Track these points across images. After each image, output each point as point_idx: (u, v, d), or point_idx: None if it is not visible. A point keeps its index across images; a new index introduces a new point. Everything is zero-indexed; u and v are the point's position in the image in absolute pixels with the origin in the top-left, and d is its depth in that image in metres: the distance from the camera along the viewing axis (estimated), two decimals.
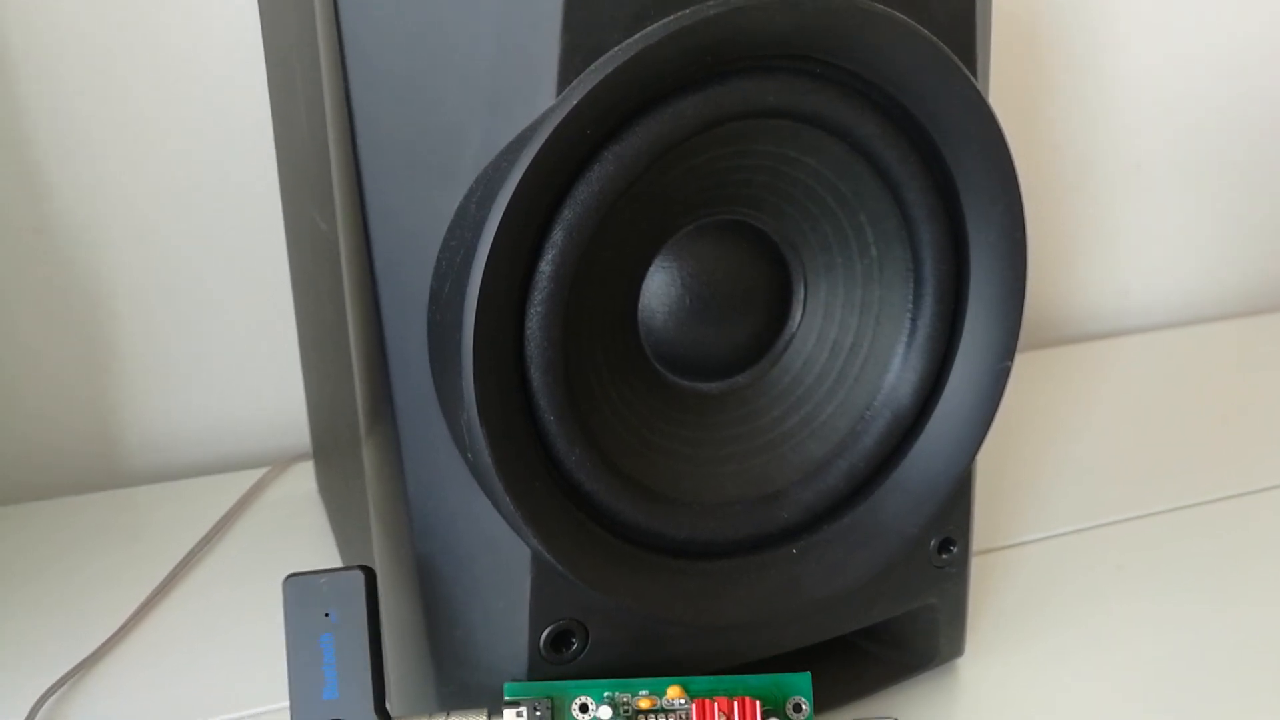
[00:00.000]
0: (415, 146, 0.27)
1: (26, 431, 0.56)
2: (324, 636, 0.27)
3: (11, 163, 0.52)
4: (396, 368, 0.28)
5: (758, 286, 0.31)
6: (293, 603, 0.28)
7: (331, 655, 0.27)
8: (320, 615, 0.27)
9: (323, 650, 0.27)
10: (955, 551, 0.34)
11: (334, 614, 0.27)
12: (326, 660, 0.27)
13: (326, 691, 0.26)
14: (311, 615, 0.27)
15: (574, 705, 0.28)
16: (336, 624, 0.27)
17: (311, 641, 0.27)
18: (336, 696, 0.26)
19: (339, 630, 0.27)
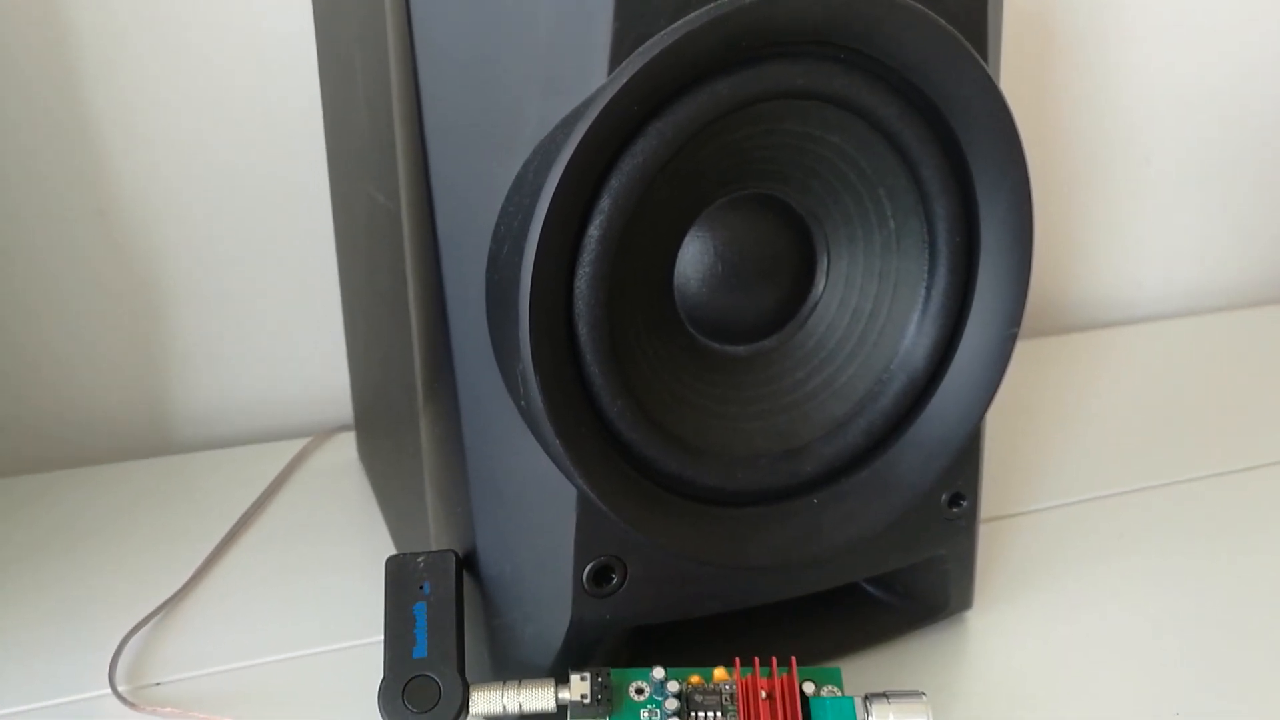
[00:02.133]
0: (477, 123, 0.29)
1: (85, 401, 0.59)
2: (417, 605, 0.31)
3: (78, 150, 0.55)
4: (456, 326, 0.31)
5: (784, 256, 0.34)
6: (392, 576, 0.32)
7: (423, 622, 0.30)
8: (416, 588, 0.31)
9: (415, 617, 0.30)
10: (965, 505, 0.37)
11: (427, 586, 0.31)
12: (419, 626, 0.30)
13: (416, 651, 0.30)
14: (408, 588, 0.31)
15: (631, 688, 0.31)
16: (429, 595, 0.31)
17: (406, 609, 0.31)
18: (425, 656, 0.30)
19: (431, 600, 0.31)
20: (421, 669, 0.30)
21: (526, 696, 0.30)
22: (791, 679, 0.30)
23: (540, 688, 0.31)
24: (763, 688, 0.30)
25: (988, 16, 0.32)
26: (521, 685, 0.31)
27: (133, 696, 0.38)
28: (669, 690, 0.30)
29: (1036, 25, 0.69)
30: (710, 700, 0.30)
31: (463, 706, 0.30)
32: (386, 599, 0.31)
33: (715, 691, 0.30)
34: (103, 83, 0.54)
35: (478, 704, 0.30)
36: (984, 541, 0.40)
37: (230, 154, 0.57)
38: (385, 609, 0.31)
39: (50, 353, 0.58)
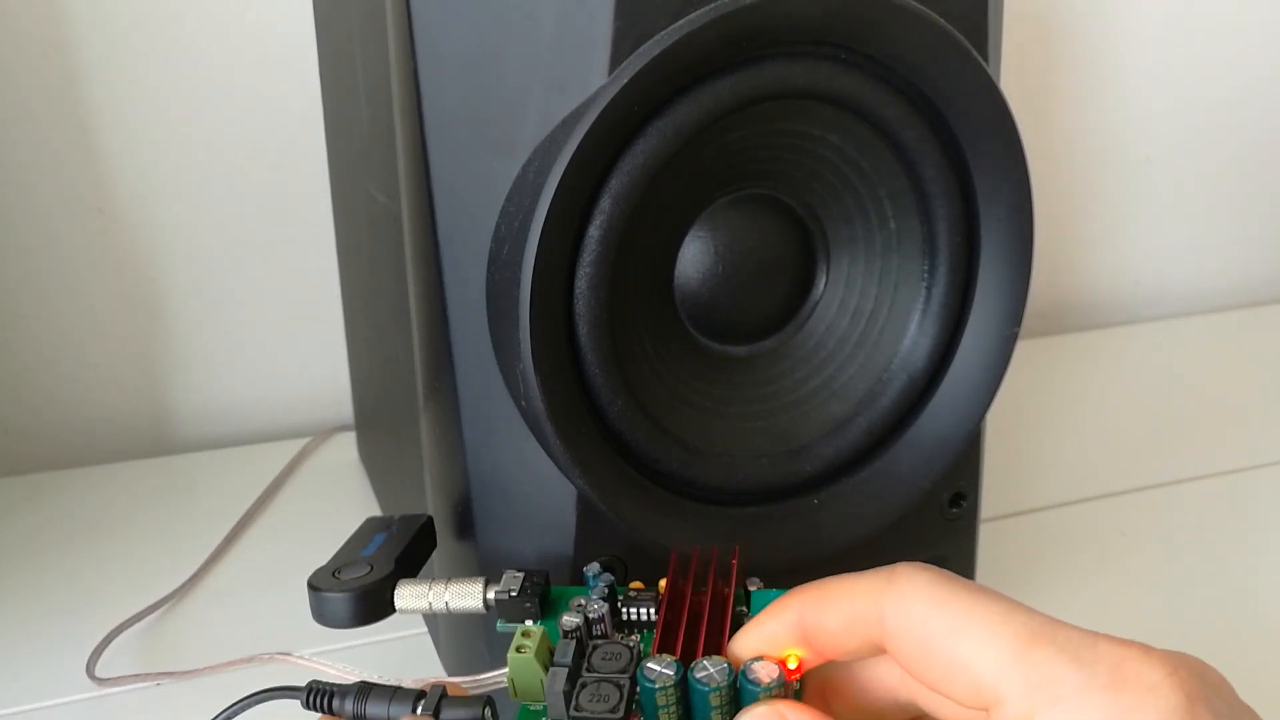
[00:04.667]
0: (478, 122, 0.29)
1: (85, 401, 0.59)
2: (379, 535, 0.33)
3: (78, 149, 0.55)
4: (457, 326, 0.31)
5: (784, 256, 0.34)
6: (366, 525, 0.33)
7: (379, 541, 0.32)
8: (384, 527, 0.33)
9: (375, 540, 0.32)
10: (965, 505, 0.37)
11: (394, 528, 0.33)
12: (374, 541, 0.32)
13: (365, 551, 0.32)
14: (377, 525, 0.33)
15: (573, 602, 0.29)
16: (392, 531, 0.33)
17: (368, 535, 0.33)
18: (370, 554, 0.31)
19: (391, 534, 0.33)
20: (362, 558, 0.31)
21: (454, 594, 0.29)
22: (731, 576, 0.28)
23: (469, 585, 0.29)
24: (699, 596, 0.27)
25: (988, 16, 0.32)
26: (450, 582, 0.29)
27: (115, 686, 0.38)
28: (603, 579, 0.28)
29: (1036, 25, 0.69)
30: (642, 598, 0.28)
31: (388, 585, 0.30)
32: (353, 534, 0.33)
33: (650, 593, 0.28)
34: (102, 82, 0.54)
35: (404, 599, 0.30)
36: (984, 541, 0.40)
37: (230, 153, 0.57)
38: (350, 537, 0.33)
39: (50, 352, 0.58)
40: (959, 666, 0.21)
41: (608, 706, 0.24)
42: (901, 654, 0.22)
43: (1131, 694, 0.19)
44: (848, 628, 0.23)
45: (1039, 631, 0.20)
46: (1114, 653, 0.20)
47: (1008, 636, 0.20)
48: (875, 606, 0.22)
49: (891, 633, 0.22)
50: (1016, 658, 0.20)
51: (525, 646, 0.25)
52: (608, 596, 0.27)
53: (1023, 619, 0.21)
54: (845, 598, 0.23)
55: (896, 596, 0.22)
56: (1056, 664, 0.20)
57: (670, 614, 0.26)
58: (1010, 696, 0.20)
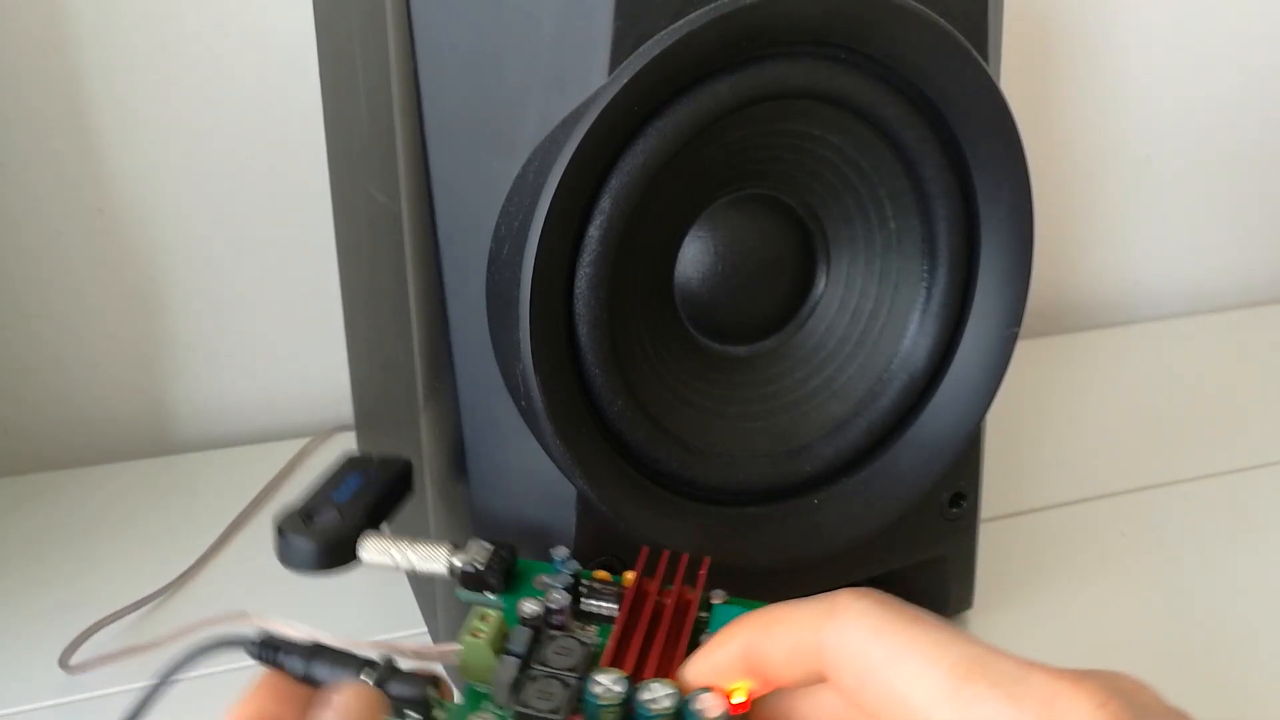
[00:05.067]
0: (477, 121, 0.29)
1: (85, 401, 0.59)
2: (354, 475, 0.33)
3: (78, 148, 0.55)
4: (456, 326, 0.31)
5: (784, 256, 0.34)
6: (344, 461, 0.34)
7: (355, 484, 0.32)
8: (361, 469, 0.34)
9: (350, 480, 0.33)
10: (965, 505, 0.37)
11: (372, 471, 0.33)
12: (349, 484, 0.32)
13: (338, 495, 0.32)
14: (354, 468, 0.34)
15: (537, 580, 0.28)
16: (368, 474, 0.33)
17: (344, 475, 0.33)
18: (342, 500, 0.31)
19: (368, 477, 0.33)
20: (333, 504, 0.31)
21: (419, 554, 0.29)
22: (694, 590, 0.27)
23: (435, 547, 0.29)
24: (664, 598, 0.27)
25: (988, 16, 0.32)
26: (415, 543, 0.29)
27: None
28: (568, 568, 0.28)
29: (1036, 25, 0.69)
30: (606, 590, 0.27)
31: (354, 535, 0.29)
32: (330, 472, 0.33)
33: (614, 586, 0.27)
34: (102, 82, 0.54)
35: (368, 550, 0.29)
36: (984, 541, 0.40)
37: (230, 153, 0.57)
38: (325, 476, 0.33)
39: (50, 352, 0.58)
40: (895, 699, 0.21)
41: (551, 706, 0.24)
42: (841, 684, 0.22)
43: None
44: (791, 657, 0.23)
45: (975, 664, 0.20)
46: (1045, 687, 0.20)
47: (944, 669, 0.20)
48: (816, 636, 0.22)
49: (831, 663, 0.22)
50: (950, 693, 0.20)
51: (480, 631, 0.25)
52: (571, 586, 0.27)
53: (960, 650, 0.21)
54: (788, 627, 0.23)
55: (836, 627, 0.22)
56: (988, 702, 0.20)
57: (631, 616, 0.26)
58: None
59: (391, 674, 0.25)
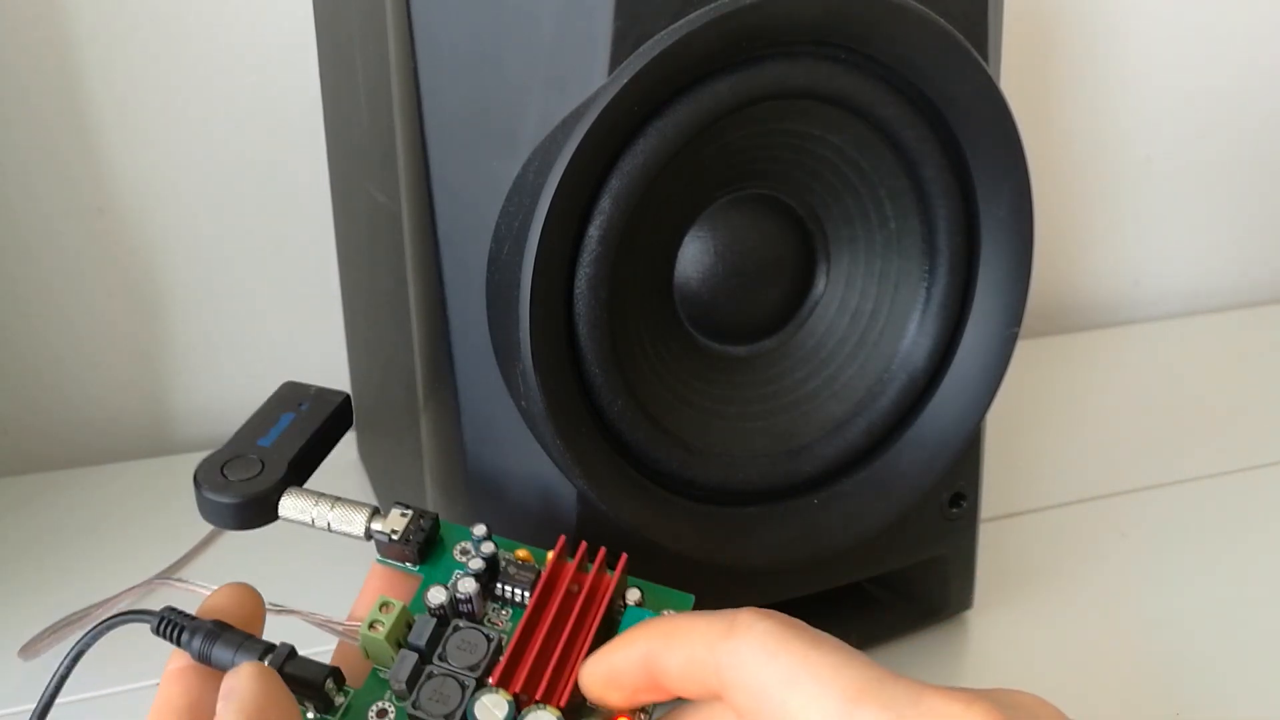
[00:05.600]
0: (478, 121, 0.29)
1: (85, 400, 0.59)
2: (286, 414, 0.31)
3: (78, 148, 0.55)
4: (456, 326, 0.31)
5: (784, 256, 0.34)
6: (280, 392, 0.32)
7: (284, 425, 0.31)
8: (295, 404, 0.32)
9: (280, 420, 0.31)
10: (965, 505, 0.37)
11: (305, 406, 0.31)
12: (278, 427, 0.30)
13: (262, 440, 0.30)
14: (288, 401, 0.32)
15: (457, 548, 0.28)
16: (302, 411, 0.31)
17: (275, 413, 0.31)
18: (268, 445, 0.30)
19: (301, 415, 0.31)
20: (259, 453, 0.29)
21: (338, 515, 0.28)
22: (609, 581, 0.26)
23: (354, 510, 0.28)
24: (577, 583, 0.26)
25: (988, 16, 0.32)
26: (336, 503, 0.28)
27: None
28: (482, 551, 0.27)
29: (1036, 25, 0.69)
30: (521, 576, 0.26)
31: (275, 492, 0.28)
32: (264, 404, 0.31)
33: (532, 569, 0.27)
34: (102, 81, 0.54)
35: (287, 507, 0.28)
36: (984, 541, 0.40)
37: (230, 153, 0.57)
38: (259, 409, 0.31)
39: (50, 352, 0.58)
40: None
41: (444, 710, 0.23)
42: (735, 704, 0.22)
43: None
44: (687, 670, 0.23)
45: (868, 687, 0.20)
46: (937, 709, 0.20)
47: (836, 693, 0.20)
48: (713, 653, 0.22)
49: (726, 682, 0.22)
50: (842, 716, 0.20)
51: (380, 624, 0.25)
52: (484, 571, 0.26)
53: (854, 673, 0.21)
54: (687, 639, 0.23)
55: (732, 646, 0.22)
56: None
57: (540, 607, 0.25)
58: None
59: (291, 661, 0.24)
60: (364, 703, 0.25)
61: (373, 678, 0.25)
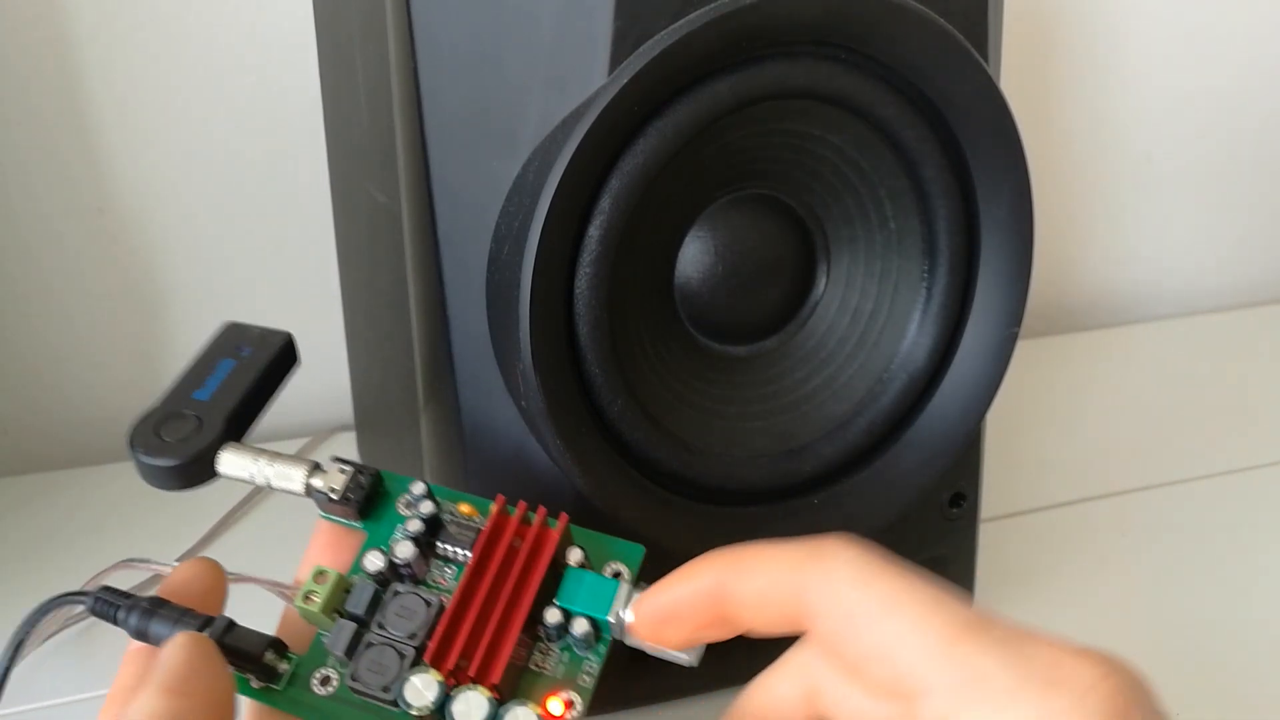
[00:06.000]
0: (478, 121, 0.29)
1: (85, 400, 0.59)
2: (225, 360, 0.29)
3: (78, 148, 0.55)
4: (456, 326, 0.31)
5: (784, 256, 0.34)
6: (221, 335, 0.30)
7: (223, 374, 0.29)
8: (235, 348, 0.30)
9: (218, 369, 0.29)
10: (965, 505, 0.37)
11: (247, 351, 0.30)
12: (216, 376, 0.29)
13: (199, 394, 0.28)
14: (228, 346, 0.30)
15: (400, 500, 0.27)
16: (243, 357, 0.29)
17: (214, 360, 0.29)
18: (204, 399, 0.28)
19: (241, 362, 0.29)
20: (195, 409, 0.28)
21: (277, 472, 0.27)
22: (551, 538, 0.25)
23: (294, 467, 0.27)
24: (520, 535, 0.25)
25: (988, 16, 0.32)
26: (276, 459, 0.27)
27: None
28: (422, 510, 0.26)
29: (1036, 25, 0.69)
30: (463, 534, 0.25)
31: (211, 450, 0.27)
32: (203, 348, 0.30)
33: (474, 528, 0.26)
34: (102, 81, 0.54)
35: (225, 463, 0.27)
36: (984, 541, 0.40)
37: (230, 153, 0.57)
38: (197, 354, 0.29)
39: (50, 352, 0.58)
40: (883, 651, 0.20)
41: (383, 682, 0.23)
42: (821, 631, 0.21)
43: (1065, 697, 0.18)
44: (764, 598, 0.21)
45: (971, 623, 0.19)
46: (1048, 653, 0.19)
47: (938, 625, 0.19)
48: (798, 578, 0.21)
49: (812, 607, 0.21)
50: (946, 649, 0.19)
51: (315, 595, 0.24)
52: (423, 532, 0.25)
53: (955, 608, 0.20)
54: (766, 566, 0.21)
55: (823, 571, 0.21)
56: (987, 660, 0.19)
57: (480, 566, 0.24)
58: (936, 689, 0.19)
59: (230, 633, 0.24)
60: (308, 670, 0.24)
61: (317, 643, 0.25)
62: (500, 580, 0.24)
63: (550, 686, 0.24)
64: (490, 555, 0.25)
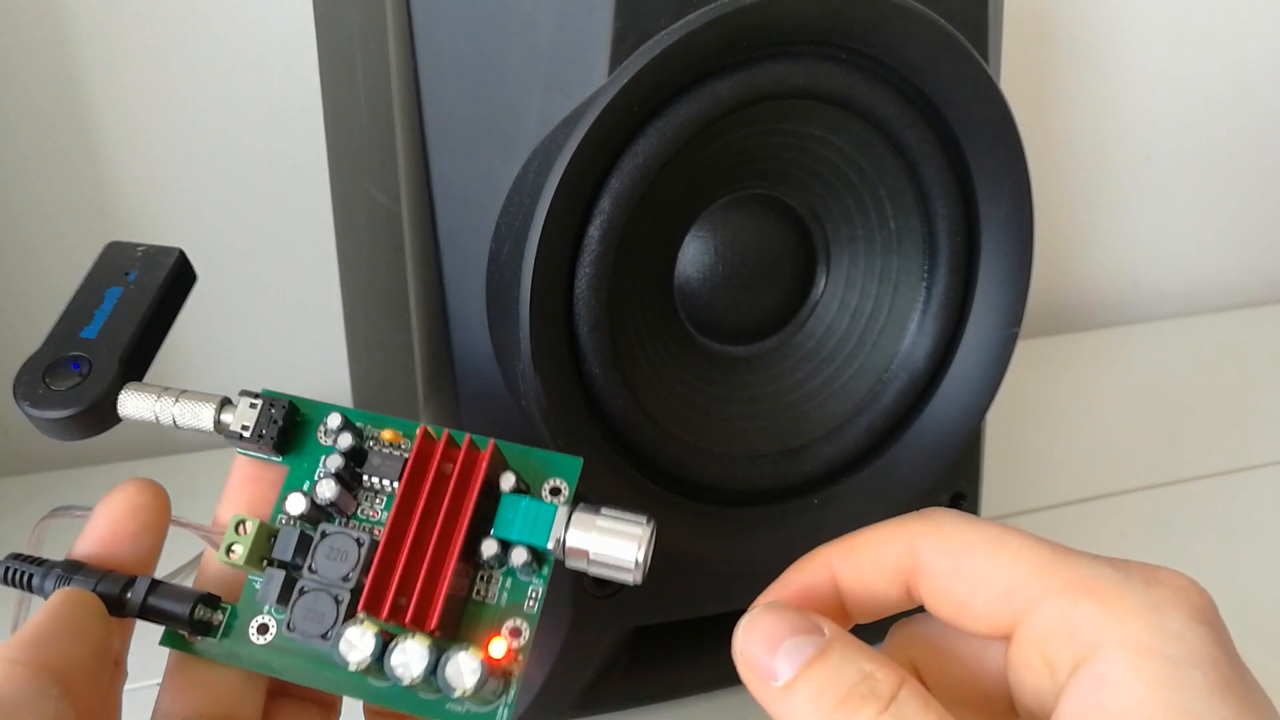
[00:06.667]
0: (478, 122, 0.29)
1: None
2: (112, 289, 0.27)
3: (78, 149, 0.55)
4: (457, 326, 0.31)
5: (784, 256, 0.34)
6: (104, 259, 0.28)
7: (109, 306, 0.26)
8: (121, 274, 0.27)
9: (104, 299, 0.26)
10: (965, 505, 0.37)
11: (134, 275, 0.27)
12: (102, 309, 0.26)
13: (86, 331, 0.26)
14: (113, 272, 0.27)
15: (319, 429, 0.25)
16: (130, 283, 0.27)
17: (99, 290, 0.27)
18: (93, 337, 0.26)
19: (129, 289, 0.27)
20: (82, 348, 0.25)
21: (183, 410, 0.25)
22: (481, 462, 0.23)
23: (201, 404, 0.25)
24: (451, 459, 0.24)
25: (988, 16, 0.32)
26: (182, 396, 0.25)
27: None
28: (340, 444, 0.24)
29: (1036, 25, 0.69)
30: (388, 465, 0.24)
31: (109, 396, 0.25)
32: (85, 276, 0.27)
33: (399, 456, 0.24)
34: (102, 81, 0.54)
35: (127, 405, 0.25)
36: None
37: (230, 153, 0.57)
38: (77, 287, 0.27)
39: None
40: (994, 574, 0.21)
41: (321, 630, 0.22)
42: (933, 572, 0.22)
43: (1166, 590, 0.20)
44: (878, 563, 0.23)
45: (1066, 548, 0.21)
46: (1140, 564, 0.21)
47: (1043, 548, 0.21)
48: (906, 534, 0.22)
49: (924, 553, 0.22)
50: (1052, 563, 0.21)
51: (237, 547, 0.23)
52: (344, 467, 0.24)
53: (1050, 545, 0.22)
54: (874, 536, 0.23)
55: (929, 521, 0.22)
56: (1093, 565, 0.21)
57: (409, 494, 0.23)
58: (1049, 594, 0.20)
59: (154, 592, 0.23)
60: (244, 619, 0.23)
61: (248, 590, 0.24)
62: (430, 513, 0.23)
63: (495, 616, 0.23)
64: (418, 486, 0.23)
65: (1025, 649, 0.21)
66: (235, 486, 0.26)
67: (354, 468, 0.24)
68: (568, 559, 0.24)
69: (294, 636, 0.22)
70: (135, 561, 0.24)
